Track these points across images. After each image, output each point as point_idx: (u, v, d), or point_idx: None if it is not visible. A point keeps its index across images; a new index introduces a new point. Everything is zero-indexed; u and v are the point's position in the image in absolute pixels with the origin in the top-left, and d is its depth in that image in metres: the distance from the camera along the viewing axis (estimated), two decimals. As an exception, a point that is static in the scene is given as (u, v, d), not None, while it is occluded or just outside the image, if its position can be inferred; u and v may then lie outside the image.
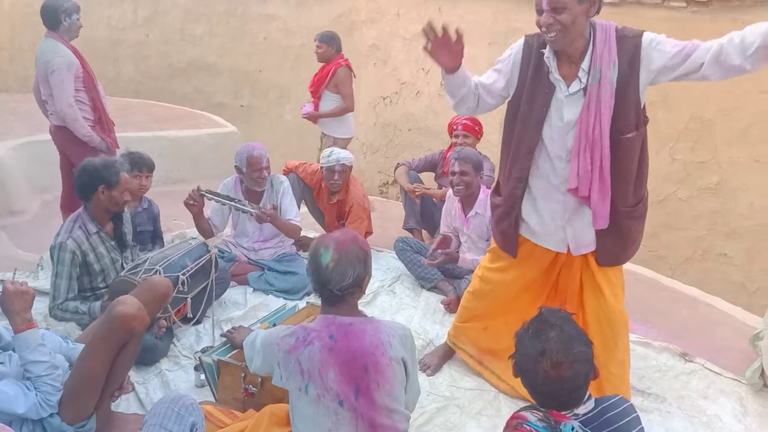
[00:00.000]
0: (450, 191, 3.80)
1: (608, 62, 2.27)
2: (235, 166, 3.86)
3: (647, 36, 2.28)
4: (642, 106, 2.35)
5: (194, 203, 3.66)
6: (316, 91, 5.38)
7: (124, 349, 2.33)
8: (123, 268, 3.15)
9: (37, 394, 2.16)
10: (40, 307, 3.30)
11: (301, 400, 1.94)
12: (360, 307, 3.53)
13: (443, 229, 3.91)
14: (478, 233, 3.70)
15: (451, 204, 3.84)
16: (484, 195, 3.64)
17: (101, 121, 4.08)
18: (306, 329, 1.97)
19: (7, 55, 10.90)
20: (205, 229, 3.83)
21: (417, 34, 7.57)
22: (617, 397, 1.76)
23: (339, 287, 1.93)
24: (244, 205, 3.74)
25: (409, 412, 2.05)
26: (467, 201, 3.70)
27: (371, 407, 1.90)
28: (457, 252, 3.72)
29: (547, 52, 2.37)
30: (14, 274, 3.45)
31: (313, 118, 5.42)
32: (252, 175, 3.78)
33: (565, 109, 2.36)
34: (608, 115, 2.28)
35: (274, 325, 2.83)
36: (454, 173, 3.63)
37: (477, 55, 6.82)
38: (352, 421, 1.89)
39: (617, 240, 2.48)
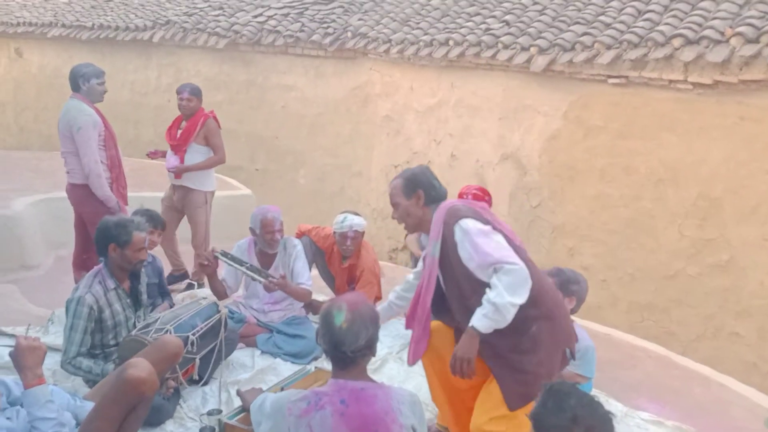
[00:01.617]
0: None
1: (433, 239, 2.53)
2: (250, 228, 3.93)
3: (459, 225, 2.43)
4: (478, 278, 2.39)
5: (208, 264, 3.71)
6: (182, 144, 4.91)
7: (132, 412, 2.32)
8: (135, 326, 3.17)
9: (43, 452, 2.14)
10: (49, 363, 3.29)
11: None
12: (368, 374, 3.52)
13: None
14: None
15: None
16: None
17: (118, 179, 4.20)
18: (317, 394, 1.97)
19: (31, 114, 11.29)
20: (219, 290, 3.86)
21: (430, 107, 7.83)
22: None
23: (352, 349, 1.95)
24: (254, 272, 3.77)
25: None
26: None
27: None
28: None
29: None
30: (27, 329, 3.49)
31: (182, 171, 4.91)
32: (265, 237, 3.84)
33: None
34: (432, 283, 2.52)
35: (283, 389, 2.82)
36: None
37: (488, 129, 7.02)
38: None
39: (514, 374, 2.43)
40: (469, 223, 2.39)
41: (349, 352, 1.95)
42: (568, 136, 6.13)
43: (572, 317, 3.28)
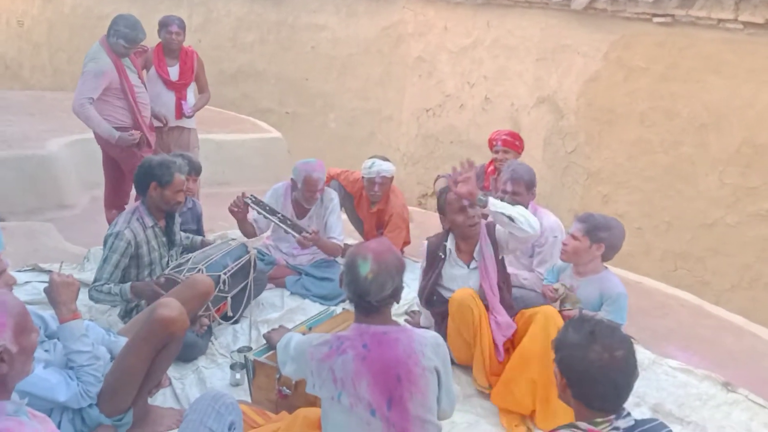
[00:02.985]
0: None
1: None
2: (291, 179, 3.90)
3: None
4: None
5: (238, 210, 3.72)
6: (187, 83, 4.77)
7: (164, 349, 2.37)
8: (168, 265, 3.23)
9: (78, 384, 2.21)
10: (85, 298, 3.40)
11: (333, 409, 1.93)
12: (395, 318, 3.55)
13: None
14: (523, 249, 3.64)
15: None
16: (533, 209, 3.60)
17: (137, 125, 4.22)
18: (339, 338, 1.96)
19: (65, 56, 11.34)
20: (248, 231, 3.89)
21: (464, 47, 7.59)
22: (657, 421, 1.72)
23: (377, 299, 1.92)
24: (287, 225, 3.74)
25: (440, 423, 2.03)
26: None
27: (404, 417, 1.89)
28: None
29: None
30: (61, 266, 3.59)
31: (195, 111, 4.79)
32: (305, 195, 3.84)
33: None
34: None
35: (310, 329, 2.85)
36: (506, 192, 3.59)
37: (524, 71, 6.79)
38: (384, 431, 1.88)
39: None
40: None
41: (374, 301, 1.93)
42: (608, 78, 5.90)
43: (604, 264, 3.23)
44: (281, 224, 3.75)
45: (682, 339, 3.63)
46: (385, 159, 4.19)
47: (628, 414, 1.67)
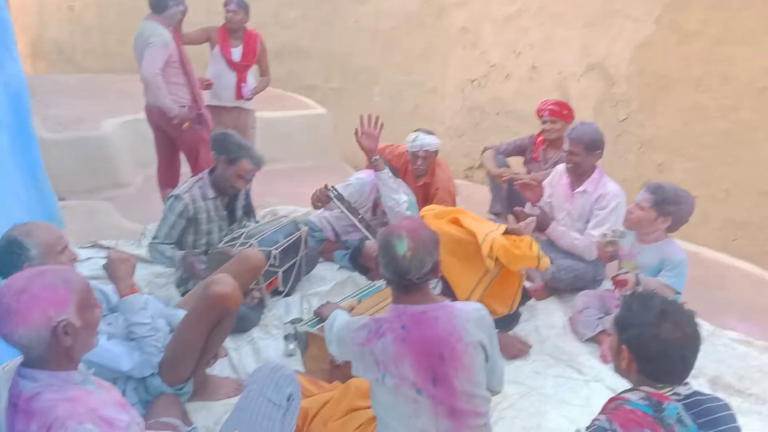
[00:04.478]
0: (561, 165, 3.73)
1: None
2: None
3: None
4: None
5: (321, 204, 3.68)
6: (249, 64, 4.83)
7: (219, 324, 2.44)
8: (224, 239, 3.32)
9: (140, 354, 2.31)
10: (143, 274, 3.53)
11: (379, 389, 1.94)
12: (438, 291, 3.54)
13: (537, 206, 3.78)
14: (580, 212, 3.57)
15: (558, 178, 3.74)
16: (598, 175, 3.52)
17: (196, 101, 4.28)
18: (378, 321, 1.95)
19: (115, 38, 11.58)
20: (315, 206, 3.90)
21: (508, 16, 7.40)
22: (712, 395, 1.75)
23: (418, 276, 1.89)
24: (364, 227, 3.65)
25: (491, 394, 2.02)
26: (578, 177, 3.58)
27: (450, 394, 1.88)
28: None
29: None
30: (117, 244, 3.74)
31: (256, 93, 4.88)
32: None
33: None
34: None
35: (360, 301, 2.88)
36: (565, 151, 3.54)
37: (572, 38, 6.59)
38: (432, 408, 1.88)
39: None
40: None
41: (415, 279, 1.90)
42: (661, 43, 5.66)
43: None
44: (359, 225, 3.66)
45: (741, 310, 3.52)
46: (430, 132, 4.15)
47: (686, 382, 1.70)
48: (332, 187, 3.64)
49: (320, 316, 2.75)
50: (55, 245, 2.21)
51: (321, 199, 3.64)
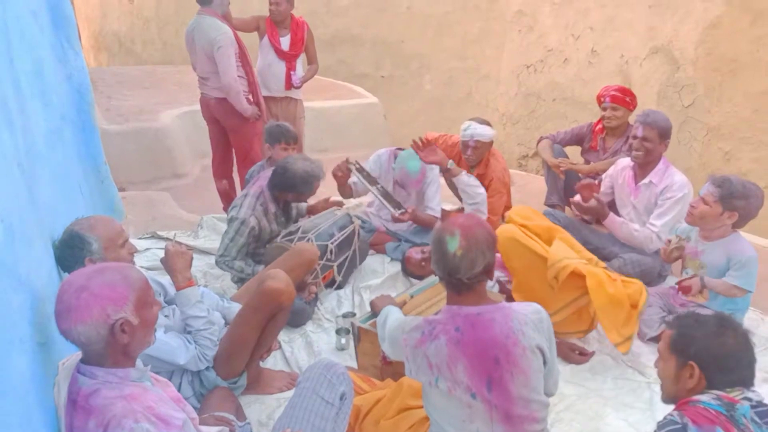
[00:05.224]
0: (622, 160, 3.58)
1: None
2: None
3: None
4: None
5: (342, 174, 3.76)
6: (297, 54, 4.76)
7: (273, 318, 2.45)
8: (281, 234, 3.36)
9: (196, 348, 2.34)
10: (200, 265, 3.60)
11: (433, 393, 1.89)
12: (496, 287, 3.46)
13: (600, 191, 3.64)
14: (646, 204, 3.42)
15: (619, 171, 3.59)
16: (664, 166, 3.36)
17: (255, 92, 4.31)
18: (431, 323, 1.89)
19: (173, 29, 11.85)
20: (346, 192, 3.97)
21: (567, -3, 7.15)
22: None
23: (468, 276, 1.83)
24: (385, 198, 3.71)
25: (548, 399, 1.95)
26: (643, 168, 3.42)
27: (506, 399, 1.82)
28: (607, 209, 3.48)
29: None
30: (174, 236, 3.81)
31: (304, 82, 4.83)
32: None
33: None
34: None
35: (412, 297, 2.85)
36: (635, 137, 3.37)
37: (635, 19, 6.31)
38: (487, 412, 1.83)
39: None
40: None
41: (465, 279, 1.83)
42: (732, 24, 5.34)
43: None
44: (378, 195, 3.73)
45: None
46: (485, 122, 4.05)
47: (755, 389, 1.71)
48: (355, 160, 3.73)
49: (374, 308, 2.72)
50: (116, 239, 2.26)
51: (342, 170, 3.72)
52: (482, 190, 3.76)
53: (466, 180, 3.72)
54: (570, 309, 2.87)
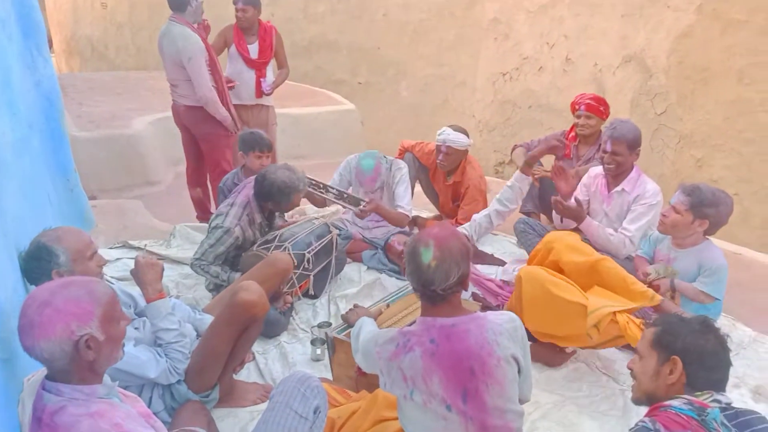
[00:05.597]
0: (594, 168, 3.62)
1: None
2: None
3: None
4: None
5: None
6: (267, 61, 4.68)
7: (246, 331, 2.41)
8: (259, 242, 3.32)
9: (167, 361, 2.29)
10: (172, 275, 3.54)
11: (408, 405, 1.87)
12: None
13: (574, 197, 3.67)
14: (618, 212, 3.45)
15: (593, 179, 3.62)
16: (636, 174, 3.40)
17: (224, 101, 4.26)
18: (405, 335, 1.87)
19: (146, 34, 11.72)
20: (318, 201, 3.98)
21: (542, 6, 7.24)
22: (747, 408, 1.76)
23: (443, 287, 1.81)
24: (344, 200, 3.76)
25: (522, 408, 1.94)
26: (616, 177, 3.46)
27: (481, 410, 1.81)
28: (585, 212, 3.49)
29: None
30: (145, 247, 3.74)
31: (275, 88, 4.76)
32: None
33: None
34: None
35: (388, 305, 2.83)
36: (605, 152, 3.40)
37: (608, 28, 6.41)
38: (462, 424, 1.81)
39: None
40: None
41: (439, 290, 1.82)
42: (703, 33, 5.45)
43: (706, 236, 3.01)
44: (337, 200, 3.75)
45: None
46: (462, 130, 4.06)
47: (723, 391, 1.75)
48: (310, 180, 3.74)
49: (346, 321, 2.69)
50: (84, 251, 2.21)
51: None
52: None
53: None
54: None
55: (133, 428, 1.53)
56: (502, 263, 3.87)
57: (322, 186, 3.78)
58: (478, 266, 3.74)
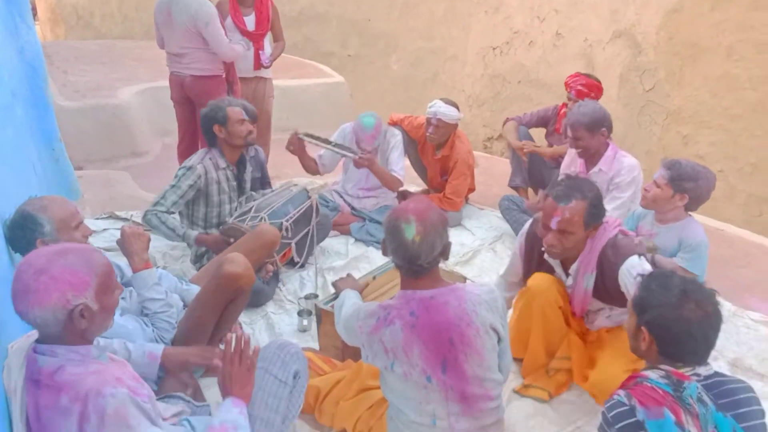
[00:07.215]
0: (571, 150, 3.63)
1: (584, 272, 2.43)
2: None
3: (626, 264, 2.32)
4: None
5: (294, 147, 3.80)
6: (264, 33, 4.59)
7: (233, 302, 2.43)
8: (234, 211, 3.29)
9: (153, 330, 2.31)
10: (159, 246, 3.54)
11: (389, 376, 1.91)
12: (457, 267, 3.48)
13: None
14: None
15: (572, 160, 3.65)
16: (612, 152, 3.43)
17: (231, 74, 4.26)
18: (386, 308, 1.90)
19: (133, 3, 11.50)
20: (311, 167, 3.98)
21: (533, -21, 7.17)
22: (734, 376, 1.73)
23: (428, 260, 1.84)
24: (342, 148, 3.78)
25: (501, 376, 1.98)
26: (591, 159, 3.49)
27: (461, 379, 1.85)
28: None
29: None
30: (131, 217, 3.72)
31: (273, 60, 4.70)
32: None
33: None
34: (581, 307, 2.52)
35: (375, 278, 2.86)
36: (569, 137, 3.45)
37: (599, 3, 6.38)
38: (442, 393, 1.86)
39: None
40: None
41: (425, 263, 1.85)
42: (693, 9, 5.44)
43: (688, 213, 3.04)
44: (335, 149, 3.79)
45: (765, 290, 3.43)
46: (453, 103, 4.05)
47: (707, 363, 1.69)
48: (301, 131, 3.82)
49: (337, 288, 2.72)
50: (70, 221, 2.20)
51: (293, 143, 3.78)
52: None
53: None
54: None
55: (132, 384, 1.57)
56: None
57: (319, 138, 3.80)
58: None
